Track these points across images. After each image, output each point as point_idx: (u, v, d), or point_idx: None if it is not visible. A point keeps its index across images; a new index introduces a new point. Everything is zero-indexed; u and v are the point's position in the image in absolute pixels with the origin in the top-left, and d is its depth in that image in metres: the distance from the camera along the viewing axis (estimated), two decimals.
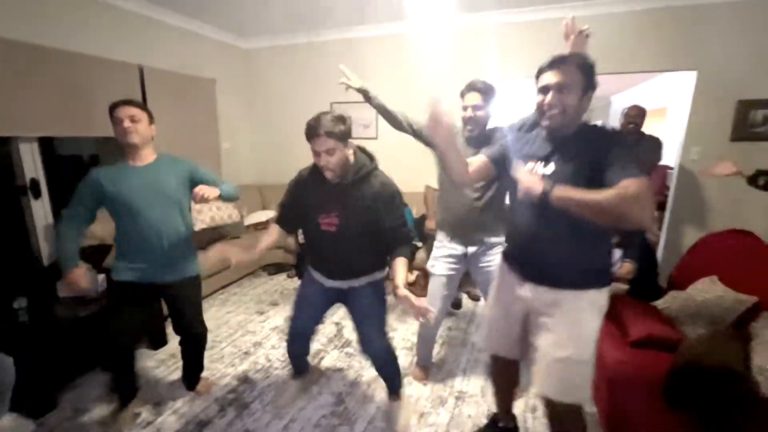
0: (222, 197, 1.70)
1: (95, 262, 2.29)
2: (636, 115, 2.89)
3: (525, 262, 1.28)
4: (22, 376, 1.69)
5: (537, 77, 1.16)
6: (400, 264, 1.42)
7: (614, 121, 9.30)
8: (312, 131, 1.36)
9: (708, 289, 1.81)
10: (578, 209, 1.00)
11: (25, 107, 2.41)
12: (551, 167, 1.15)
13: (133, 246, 1.64)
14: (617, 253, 2.16)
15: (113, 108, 1.62)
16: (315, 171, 1.53)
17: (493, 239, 1.79)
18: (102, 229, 2.67)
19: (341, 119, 1.39)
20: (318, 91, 4.10)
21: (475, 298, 3.07)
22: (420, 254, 3.13)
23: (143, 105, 1.67)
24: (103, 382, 2.02)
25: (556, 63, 1.10)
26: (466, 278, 2.12)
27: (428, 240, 3.02)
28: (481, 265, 1.82)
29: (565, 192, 1.01)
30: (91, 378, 2.05)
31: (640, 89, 7.04)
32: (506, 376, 1.56)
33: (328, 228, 1.50)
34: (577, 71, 1.08)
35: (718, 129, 2.93)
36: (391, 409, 1.78)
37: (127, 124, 1.59)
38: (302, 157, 4.54)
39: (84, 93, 2.71)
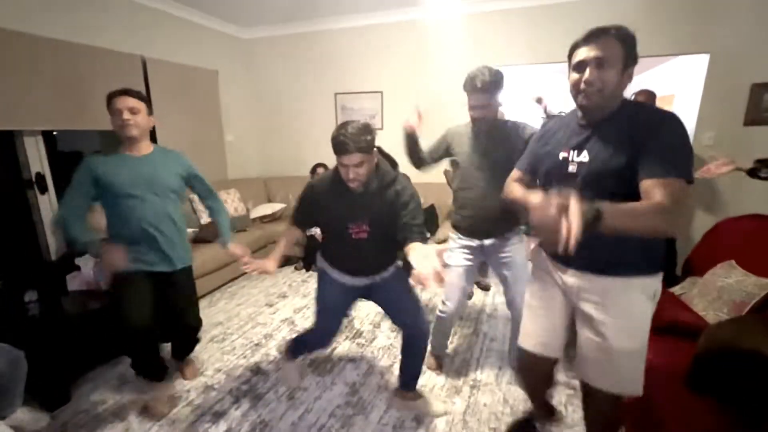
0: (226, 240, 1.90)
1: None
2: (644, 99, 2.77)
3: (583, 255, 1.12)
4: (35, 369, 1.68)
5: (570, 54, 1.08)
6: (417, 245, 1.37)
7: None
8: (342, 148, 1.30)
9: (727, 274, 1.78)
10: (624, 231, 0.88)
11: (29, 100, 2.38)
12: (585, 155, 1.07)
13: (126, 236, 1.60)
14: None
15: (111, 98, 1.57)
16: (335, 180, 1.46)
17: (507, 224, 1.76)
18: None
19: (367, 130, 1.33)
20: (321, 81, 4.06)
21: (486, 288, 3.05)
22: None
23: (142, 95, 1.63)
24: (116, 375, 2.02)
25: (593, 36, 1.01)
26: (478, 269, 2.08)
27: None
28: (501, 255, 1.78)
29: (611, 214, 0.85)
30: (103, 371, 2.05)
31: (647, 76, 6.95)
32: (542, 377, 1.44)
33: (359, 236, 1.47)
34: (616, 43, 0.99)
35: (731, 113, 2.88)
36: (416, 404, 1.75)
37: (126, 116, 1.55)
38: (306, 150, 4.55)
39: (87, 85, 2.67)
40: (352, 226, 1.46)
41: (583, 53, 1.02)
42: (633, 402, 1.54)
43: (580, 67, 1.04)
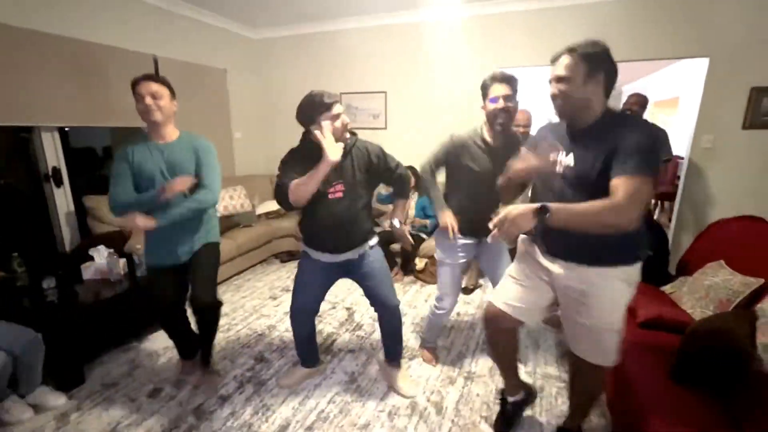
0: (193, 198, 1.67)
1: (116, 247, 2.37)
2: (634, 102, 2.81)
3: (553, 242, 1.28)
4: (52, 352, 1.78)
5: None
6: (400, 203, 1.84)
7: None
8: (331, 102, 1.51)
9: (715, 273, 1.83)
10: (575, 227, 1.07)
11: (46, 97, 2.49)
12: (571, 159, 1.19)
13: (159, 228, 1.60)
14: None
15: (135, 83, 1.60)
16: (308, 148, 1.58)
17: None
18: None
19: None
20: (328, 81, 4.13)
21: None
22: (429, 242, 3.18)
23: (165, 80, 1.66)
24: (127, 360, 2.12)
25: (557, 56, 1.17)
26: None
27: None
28: (494, 250, 1.87)
29: (557, 214, 1.05)
30: (116, 355, 2.15)
31: (651, 79, 6.94)
32: (509, 342, 1.56)
33: (335, 196, 1.59)
34: (578, 61, 1.11)
35: (730, 117, 2.91)
36: (392, 375, 1.91)
37: (149, 101, 1.58)
38: None
39: (102, 83, 2.78)
40: (329, 188, 1.57)
41: (551, 71, 1.19)
42: (615, 392, 1.61)
43: (550, 82, 1.20)
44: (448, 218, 1.77)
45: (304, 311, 1.83)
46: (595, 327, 1.25)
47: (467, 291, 3.01)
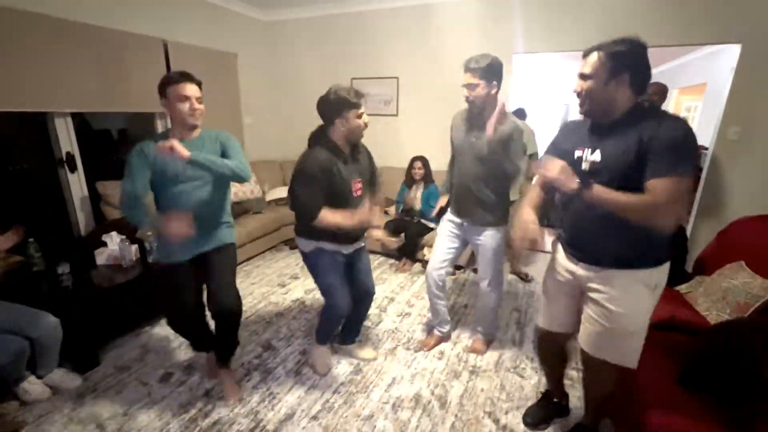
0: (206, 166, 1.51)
1: (128, 233, 2.41)
2: (653, 93, 2.64)
3: (576, 245, 1.32)
4: (68, 335, 1.84)
5: None
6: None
7: None
8: (359, 100, 1.57)
9: (734, 275, 1.76)
10: (612, 210, 1.10)
11: (59, 82, 2.50)
12: (597, 155, 1.19)
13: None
14: None
15: (175, 83, 1.49)
16: (330, 148, 1.61)
17: (489, 218, 1.87)
18: None
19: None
20: (339, 66, 4.05)
21: (526, 279, 3.15)
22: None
23: (200, 82, 1.58)
24: (139, 344, 2.18)
25: (584, 54, 1.17)
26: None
27: None
28: (476, 239, 1.95)
29: (599, 193, 1.10)
30: (129, 340, 2.21)
31: (677, 64, 6.60)
32: (557, 352, 1.60)
33: (357, 193, 1.70)
34: (602, 59, 1.12)
35: (761, 109, 2.76)
36: (353, 350, 2.10)
37: (196, 105, 1.54)
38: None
39: (114, 68, 2.78)
40: (354, 183, 1.68)
41: (579, 67, 1.19)
42: (620, 390, 1.59)
43: (578, 77, 1.20)
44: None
45: (349, 304, 1.81)
46: (614, 329, 1.25)
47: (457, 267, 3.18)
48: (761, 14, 2.61)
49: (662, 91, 2.71)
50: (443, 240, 2.02)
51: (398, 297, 2.78)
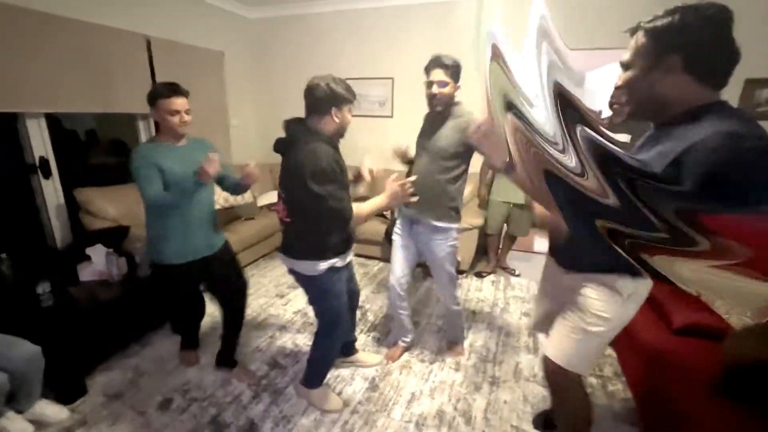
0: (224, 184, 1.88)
1: (114, 244, 2.21)
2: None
3: (558, 252, 1.28)
4: (50, 361, 1.64)
5: None
6: None
7: (589, 99, 8.99)
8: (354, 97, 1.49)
9: None
10: None
11: (30, 80, 2.26)
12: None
13: (178, 226, 1.66)
14: None
15: (166, 97, 1.59)
16: (331, 143, 1.46)
17: (433, 222, 1.81)
18: (115, 209, 2.59)
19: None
20: (331, 66, 3.92)
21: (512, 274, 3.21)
22: None
23: (188, 92, 1.69)
24: (131, 367, 1.99)
25: (632, 31, 0.88)
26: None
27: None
28: (426, 242, 1.87)
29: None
30: (118, 362, 2.02)
31: (617, 65, 6.71)
32: (578, 396, 1.43)
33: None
34: (643, 40, 0.84)
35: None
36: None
37: (186, 118, 1.65)
38: None
39: (91, 65, 2.55)
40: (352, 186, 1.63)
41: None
42: (648, 402, 1.56)
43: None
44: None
45: (351, 327, 1.77)
46: (569, 325, 1.18)
47: (480, 275, 3.14)
48: None
49: None
50: (398, 252, 1.95)
51: None
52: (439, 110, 1.76)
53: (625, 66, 0.90)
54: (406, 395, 1.83)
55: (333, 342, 1.67)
